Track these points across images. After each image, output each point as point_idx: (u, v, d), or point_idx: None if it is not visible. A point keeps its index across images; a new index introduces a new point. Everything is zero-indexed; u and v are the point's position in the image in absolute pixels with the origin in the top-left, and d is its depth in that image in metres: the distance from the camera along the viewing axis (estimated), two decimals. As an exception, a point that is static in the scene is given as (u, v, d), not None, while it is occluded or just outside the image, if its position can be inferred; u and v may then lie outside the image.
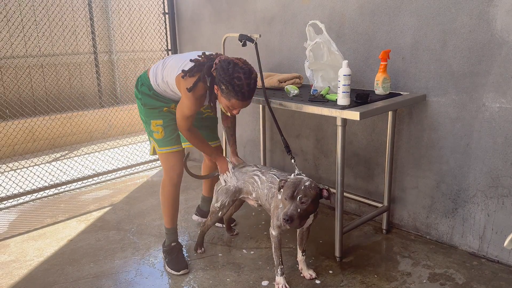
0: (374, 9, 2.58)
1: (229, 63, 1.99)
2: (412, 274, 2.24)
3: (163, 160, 2.36)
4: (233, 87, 1.97)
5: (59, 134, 5.13)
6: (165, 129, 2.31)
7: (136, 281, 2.27)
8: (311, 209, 1.87)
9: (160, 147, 2.33)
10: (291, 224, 1.81)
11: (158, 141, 2.32)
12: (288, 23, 3.10)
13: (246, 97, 2.01)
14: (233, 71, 1.96)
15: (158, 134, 2.30)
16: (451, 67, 2.31)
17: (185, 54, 2.28)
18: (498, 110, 2.18)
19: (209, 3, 3.77)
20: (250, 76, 1.99)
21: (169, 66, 2.22)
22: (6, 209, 3.30)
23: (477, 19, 2.17)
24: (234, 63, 1.99)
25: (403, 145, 2.61)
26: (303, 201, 1.83)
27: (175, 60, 2.24)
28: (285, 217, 1.81)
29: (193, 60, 2.13)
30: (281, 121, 3.33)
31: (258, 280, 2.22)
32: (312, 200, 1.85)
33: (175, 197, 2.41)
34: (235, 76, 1.95)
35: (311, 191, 1.86)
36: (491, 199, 2.29)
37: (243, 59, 2.06)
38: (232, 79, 1.96)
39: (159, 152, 2.34)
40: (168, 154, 2.33)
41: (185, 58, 2.19)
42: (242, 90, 1.98)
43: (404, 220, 2.71)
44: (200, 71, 2.08)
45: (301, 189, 1.85)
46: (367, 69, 2.69)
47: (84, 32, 5.55)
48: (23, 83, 5.10)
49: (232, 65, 1.98)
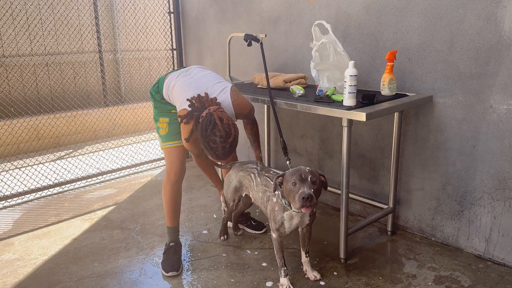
0: (380, 10, 2.56)
1: (209, 122, 1.99)
2: (417, 276, 2.22)
3: (165, 157, 2.42)
4: (207, 147, 2.04)
5: (63, 132, 5.14)
6: (169, 125, 2.38)
7: (140, 280, 2.27)
8: (319, 192, 1.86)
9: (163, 142, 2.40)
10: (311, 202, 1.75)
11: (163, 137, 2.39)
12: (294, 23, 3.09)
13: (220, 157, 2.07)
14: (210, 133, 1.99)
15: (163, 130, 2.38)
16: (458, 68, 2.30)
17: (190, 74, 2.30)
18: (505, 112, 2.16)
19: (215, 2, 3.77)
20: (226, 141, 2.00)
21: (175, 92, 2.24)
22: (10, 207, 3.31)
23: (485, 20, 2.15)
24: (214, 124, 1.98)
25: (409, 147, 2.60)
26: (314, 180, 1.82)
27: (181, 87, 2.23)
28: (305, 196, 1.74)
29: (189, 100, 2.13)
30: (286, 121, 3.32)
31: (263, 281, 2.22)
32: (321, 182, 1.86)
33: (174, 196, 2.42)
34: (211, 139, 2.00)
35: (317, 174, 1.87)
36: (498, 202, 2.27)
37: (227, 119, 2.02)
38: (207, 142, 2.01)
39: (162, 147, 2.41)
40: (169, 149, 2.38)
41: (189, 89, 2.20)
42: (217, 152, 2.03)
43: (409, 222, 2.70)
44: (192, 119, 2.12)
45: (308, 172, 1.84)
46: (373, 69, 2.68)
47: (89, 31, 5.56)
48: (28, 82, 5.12)
49: (211, 126, 1.98)
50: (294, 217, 2.01)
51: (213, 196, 3.40)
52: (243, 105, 2.28)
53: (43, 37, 5.18)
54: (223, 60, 3.84)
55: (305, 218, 2.04)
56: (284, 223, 2.03)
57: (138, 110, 5.71)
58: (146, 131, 5.86)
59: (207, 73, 2.34)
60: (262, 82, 2.89)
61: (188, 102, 2.12)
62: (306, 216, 2.03)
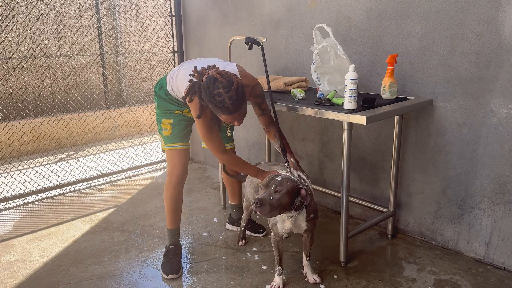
0: (381, 13, 2.57)
1: (209, 80, 1.94)
2: (417, 280, 2.22)
3: (167, 159, 2.41)
4: (216, 105, 1.94)
5: (64, 134, 5.15)
6: (173, 127, 2.36)
7: (140, 282, 2.27)
8: (284, 201, 1.83)
9: (166, 144, 2.39)
10: (260, 208, 1.79)
11: (165, 138, 2.38)
12: (295, 27, 3.10)
13: (232, 110, 1.96)
14: (213, 88, 1.92)
15: (166, 131, 2.37)
16: (459, 72, 2.30)
17: (193, 61, 2.26)
18: (506, 116, 2.17)
19: (216, 5, 3.78)
20: (230, 89, 1.92)
21: (180, 77, 2.22)
22: (11, 208, 3.32)
23: (485, 25, 2.16)
24: (215, 79, 1.93)
25: (409, 150, 2.60)
26: (277, 190, 1.82)
27: (184, 70, 2.22)
28: (256, 201, 1.79)
29: (190, 75, 2.09)
30: (286, 124, 3.32)
31: (262, 284, 2.21)
32: (287, 192, 1.82)
33: (175, 199, 2.41)
34: (215, 93, 1.91)
35: (288, 184, 1.84)
36: (498, 206, 2.27)
37: (224, 71, 1.99)
38: (213, 97, 1.92)
39: (165, 149, 2.40)
40: (172, 151, 2.37)
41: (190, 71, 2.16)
42: (226, 105, 1.93)
43: (409, 226, 2.70)
44: (195, 92, 2.05)
45: (277, 180, 1.85)
46: (374, 73, 2.69)
47: (91, 33, 5.58)
48: (30, 84, 5.13)
49: (212, 81, 1.93)
50: (286, 220, 2.02)
51: (213, 198, 3.40)
52: (249, 77, 2.19)
53: (45, 39, 5.19)
54: (224, 63, 3.85)
55: (300, 223, 2.02)
56: (277, 224, 2.06)
57: (139, 112, 5.72)
58: (147, 134, 5.87)
59: (209, 58, 2.31)
60: (263, 85, 2.89)
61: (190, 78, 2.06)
62: (300, 221, 2.01)
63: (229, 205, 2.91)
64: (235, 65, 2.25)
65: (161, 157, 4.51)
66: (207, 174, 4.04)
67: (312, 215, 2.01)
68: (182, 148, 2.38)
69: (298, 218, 2.00)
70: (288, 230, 2.06)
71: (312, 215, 2.01)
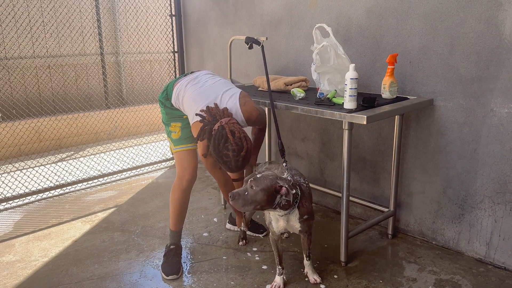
0: (381, 13, 2.57)
1: (221, 136, 1.98)
2: (417, 279, 2.22)
3: (177, 161, 2.39)
4: (221, 162, 2.01)
5: (65, 134, 5.15)
6: (182, 130, 2.38)
7: (140, 282, 2.27)
8: (259, 198, 1.84)
9: (175, 146, 2.39)
10: (233, 201, 1.87)
11: (175, 141, 2.38)
12: (295, 26, 3.10)
13: (233, 170, 2.04)
14: (223, 148, 1.97)
15: (176, 134, 2.38)
16: (459, 72, 2.30)
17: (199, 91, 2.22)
18: (506, 115, 2.16)
19: (216, 5, 3.78)
20: (239, 154, 1.97)
21: (186, 102, 2.22)
22: (11, 209, 3.32)
23: (485, 24, 2.15)
24: (226, 138, 1.97)
25: (409, 150, 2.60)
26: (252, 186, 1.86)
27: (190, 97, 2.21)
28: (230, 194, 1.88)
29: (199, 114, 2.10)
30: (286, 124, 3.32)
31: (263, 284, 2.21)
32: (262, 189, 1.84)
33: (182, 202, 2.41)
34: (224, 153, 1.97)
35: (265, 182, 1.85)
36: (499, 205, 2.27)
37: (238, 132, 2.01)
38: (220, 156, 1.98)
39: (174, 151, 2.39)
40: (182, 153, 2.36)
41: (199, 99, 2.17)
42: (230, 166, 2.00)
43: (410, 225, 2.69)
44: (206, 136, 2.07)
45: (256, 177, 1.87)
46: (374, 72, 2.68)
47: (91, 33, 5.58)
48: (30, 84, 5.13)
49: (224, 140, 1.97)
50: (279, 219, 2.02)
51: (214, 198, 3.40)
52: (251, 111, 2.21)
53: (45, 39, 5.19)
54: (224, 63, 3.85)
55: (293, 224, 2.01)
56: (271, 222, 2.07)
57: (140, 112, 5.72)
58: (148, 133, 5.87)
59: (216, 81, 2.30)
60: (263, 85, 2.89)
61: (199, 117, 2.09)
62: (293, 221, 2.00)
63: (229, 205, 2.90)
64: (238, 99, 2.20)
65: (162, 157, 4.51)
66: (207, 174, 4.03)
67: (306, 216, 1.99)
68: (192, 148, 2.38)
69: (291, 218, 2.00)
70: (283, 229, 2.07)
71: (306, 216, 2.00)
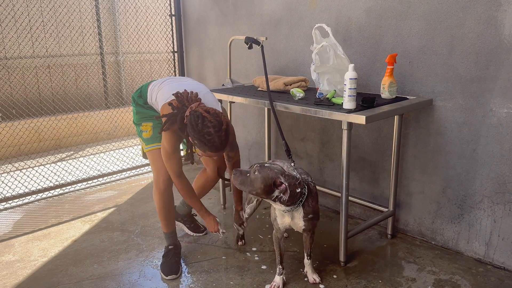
0: (381, 13, 2.57)
1: (197, 117, 1.95)
2: (417, 279, 2.22)
3: (151, 162, 2.34)
4: (204, 142, 1.95)
5: (64, 134, 5.15)
6: (154, 128, 2.34)
7: (140, 282, 2.27)
8: (256, 185, 1.89)
9: (147, 145, 2.34)
10: (234, 176, 1.95)
11: (146, 140, 2.34)
12: (295, 26, 3.10)
13: (219, 148, 1.99)
14: (203, 127, 1.93)
15: (147, 133, 2.34)
16: (458, 72, 2.30)
17: (181, 81, 2.28)
18: (505, 115, 2.16)
19: (216, 5, 3.78)
20: (220, 129, 1.95)
21: (162, 92, 2.22)
22: (11, 208, 3.32)
23: (485, 24, 2.16)
24: (203, 117, 1.94)
25: (409, 150, 2.60)
26: (255, 171, 1.91)
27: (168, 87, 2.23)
28: (234, 170, 1.97)
29: (170, 103, 2.07)
30: (286, 124, 3.32)
31: (262, 284, 2.21)
32: (261, 177, 1.88)
33: (165, 204, 2.37)
34: (205, 132, 1.93)
35: (268, 172, 1.89)
36: (498, 205, 2.27)
37: (212, 110, 2.00)
38: (202, 136, 1.93)
39: (147, 151, 2.35)
40: (154, 151, 2.32)
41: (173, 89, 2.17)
42: (215, 144, 1.95)
43: (409, 225, 2.69)
44: (174, 122, 2.04)
45: (263, 165, 1.93)
46: (373, 72, 2.68)
47: (91, 33, 5.58)
48: (30, 84, 5.13)
49: (201, 120, 1.94)
50: (285, 216, 2.04)
51: (213, 198, 3.40)
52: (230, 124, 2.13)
53: (45, 39, 5.19)
54: (224, 62, 3.85)
55: (297, 222, 2.02)
56: (276, 219, 2.09)
57: (139, 112, 5.71)
58: (147, 133, 5.86)
59: (201, 85, 2.31)
60: (263, 85, 2.89)
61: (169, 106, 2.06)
62: (297, 219, 2.01)
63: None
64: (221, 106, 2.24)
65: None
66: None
67: (310, 215, 2.01)
68: None
69: (295, 216, 2.01)
70: (287, 226, 2.08)
71: (311, 216, 2.01)
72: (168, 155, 2.14)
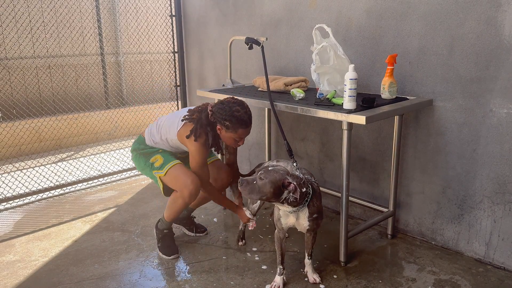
0: (381, 13, 2.57)
1: (222, 103, 2.25)
2: (417, 279, 2.22)
3: (174, 179, 2.36)
4: (236, 119, 2.20)
5: (65, 134, 5.16)
6: (163, 155, 2.45)
7: (140, 282, 2.27)
8: (266, 190, 1.88)
9: (163, 169, 2.38)
10: (242, 187, 1.93)
11: (161, 166, 2.40)
12: (295, 27, 3.10)
13: (248, 123, 2.25)
14: (230, 107, 2.22)
15: (158, 162, 2.42)
16: (458, 72, 2.30)
17: (175, 113, 2.46)
18: (505, 115, 2.17)
19: (216, 6, 3.78)
20: (244, 106, 2.25)
21: (165, 125, 2.40)
22: (11, 208, 3.32)
23: (485, 24, 2.16)
24: (227, 103, 2.24)
25: (409, 150, 2.60)
26: (261, 177, 1.90)
27: (167, 119, 2.43)
28: (240, 180, 1.95)
29: (186, 118, 2.30)
30: (286, 124, 3.32)
31: (262, 284, 2.22)
32: (269, 181, 1.87)
33: (182, 210, 2.46)
34: (234, 109, 2.21)
35: (274, 175, 1.89)
36: (498, 205, 2.27)
37: (230, 97, 2.30)
38: (232, 113, 2.20)
39: (163, 175, 2.38)
40: (173, 168, 2.36)
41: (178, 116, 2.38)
42: (244, 118, 2.22)
43: (409, 225, 2.70)
44: (204, 127, 2.27)
45: (267, 169, 1.92)
46: (373, 73, 2.69)
47: (92, 33, 5.58)
48: (31, 84, 5.14)
49: (226, 104, 2.24)
50: (289, 216, 2.04)
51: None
52: None
53: (46, 40, 5.20)
54: (224, 63, 3.85)
55: (302, 222, 2.03)
56: (280, 219, 2.09)
57: (140, 112, 5.72)
58: (148, 134, 5.87)
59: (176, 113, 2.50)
60: (263, 85, 2.90)
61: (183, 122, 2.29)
62: (302, 219, 2.02)
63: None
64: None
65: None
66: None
67: (315, 215, 2.02)
68: (181, 162, 2.43)
69: (300, 216, 2.02)
70: (291, 226, 2.08)
71: (316, 215, 2.02)
72: (200, 166, 2.32)
